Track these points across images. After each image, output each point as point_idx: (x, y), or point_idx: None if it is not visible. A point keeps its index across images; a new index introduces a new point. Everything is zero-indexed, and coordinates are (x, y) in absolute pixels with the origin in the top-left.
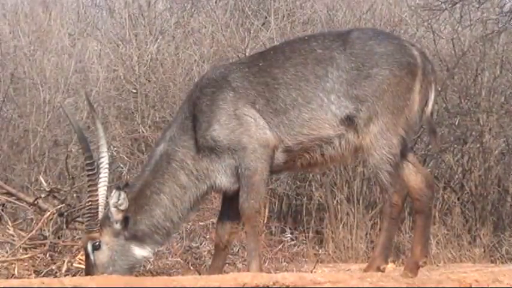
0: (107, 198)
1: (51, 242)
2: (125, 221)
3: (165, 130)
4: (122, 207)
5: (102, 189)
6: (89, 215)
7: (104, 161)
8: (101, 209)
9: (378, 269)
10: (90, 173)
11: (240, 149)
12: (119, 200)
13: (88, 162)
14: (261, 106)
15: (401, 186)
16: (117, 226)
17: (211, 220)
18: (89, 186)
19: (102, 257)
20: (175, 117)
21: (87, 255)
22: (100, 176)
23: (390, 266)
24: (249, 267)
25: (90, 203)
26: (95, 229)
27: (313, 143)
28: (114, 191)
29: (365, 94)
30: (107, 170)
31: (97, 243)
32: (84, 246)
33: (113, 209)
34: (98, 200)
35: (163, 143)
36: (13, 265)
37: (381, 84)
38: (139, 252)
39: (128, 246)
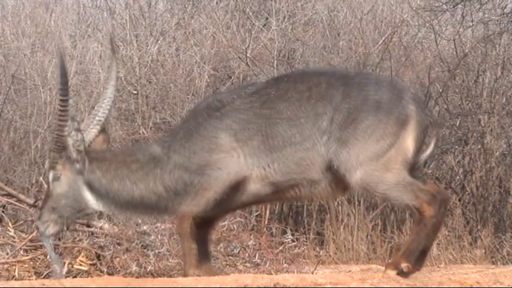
0: (96, 135)
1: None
2: (91, 169)
3: (170, 134)
4: (79, 148)
5: (94, 127)
6: (55, 147)
7: (107, 101)
8: (90, 139)
9: (396, 268)
10: (62, 108)
11: (210, 170)
12: (76, 141)
13: (62, 98)
14: (258, 142)
15: (427, 195)
16: (77, 166)
17: None
18: (58, 120)
19: (58, 188)
20: (180, 125)
21: (47, 184)
22: (98, 113)
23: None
24: (184, 271)
25: (57, 136)
26: (58, 161)
27: (303, 181)
28: (72, 132)
29: (348, 137)
30: (106, 111)
31: (58, 175)
32: (46, 175)
33: (72, 149)
34: (65, 134)
35: (161, 148)
36: (14, 267)
37: (365, 130)
38: (91, 202)
39: (83, 190)
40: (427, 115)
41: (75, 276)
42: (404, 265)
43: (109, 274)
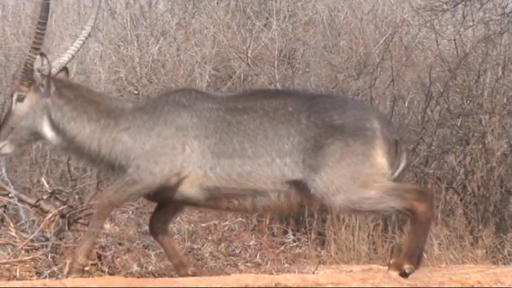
0: (62, 67)
1: (53, 244)
2: (58, 94)
3: (144, 105)
4: (44, 72)
5: (62, 59)
6: (24, 68)
7: (84, 33)
8: (57, 68)
9: (399, 269)
10: (39, 32)
11: (152, 162)
12: (42, 65)
13: (41, 21)
14: (211, 143)
15: (414, 194)
16: (42, 89)
17: (213, 222)
18: (33, 43)
19: (20, 109)
20: (152, 102)
21: (11, 104)
22: (74, 43)
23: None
24: (79, 245)
25: (28, 58)
26: (25, 83)
27: (245, 192)
28: (38, 56)
29: (318, 164)
30: (81, 42)
31: (22, 96)
32: (11, 94)
33: (37, 73)
34: (36, 57)
35: (132, 108)
36: (15, 267)
37: (334, 154)
38: (46, 127)
39: (43, 115)
40: (392, 132)
41: (76, 276)
42: (407, 266)
43: (110, 274)
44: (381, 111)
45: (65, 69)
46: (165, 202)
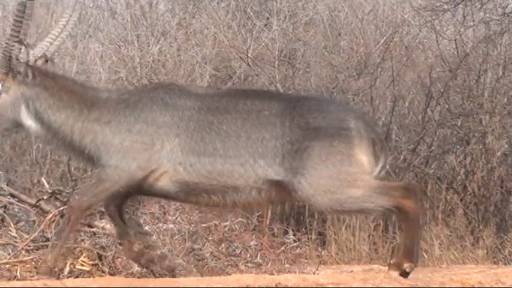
0: (45, 52)
1: (53, 244)
2: (35, 82)
3: (127, 97)
4: (22, 60)
5: (45, 43)
6: (2, 56)
7: (63, 21)
8: (36, 56)
9: (399, 268)
10: (18, 19)
11: (120, 157)
12: (20, 53)
13: (19, 9)
14: (181, 140)
15: (399, 191)
16: (20, 77)
17: (213, 222)
18: (12, 30)
19: None
20: (136, 94)
21: None
22: (53, 29)
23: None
24: (51, 250)
25: (6, 45)
26: (3, 71)
27: (215, 187)
28: (16, 44)
29: (298, 167)
30: (59, 30)
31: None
32: None
33: (15, 61)
34: (14, 45)
35: (106, 99)
36: (15, 267)
37: (314, 156)
38: (25, 116)
39: (20, 103)
40: (371, 131)
41: (77, 277)
42: (406, 265)
43: (111, 274)
44: (360, 111)
45: (43, 57)
46: (134, 192)
